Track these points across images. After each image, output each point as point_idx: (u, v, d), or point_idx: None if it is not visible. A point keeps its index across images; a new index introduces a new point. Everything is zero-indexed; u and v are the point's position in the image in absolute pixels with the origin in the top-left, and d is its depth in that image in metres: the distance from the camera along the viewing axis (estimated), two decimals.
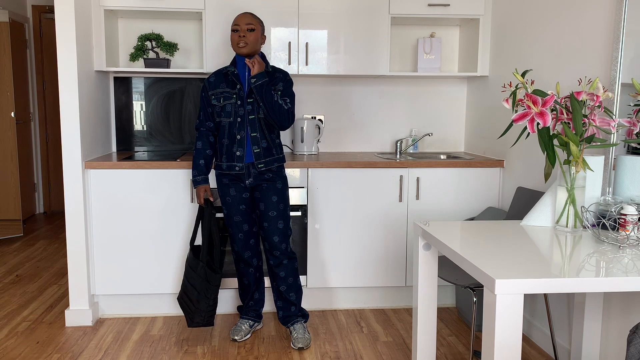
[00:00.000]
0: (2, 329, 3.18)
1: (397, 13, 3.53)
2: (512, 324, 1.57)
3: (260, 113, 2.87)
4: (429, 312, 2.28)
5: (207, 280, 2.84)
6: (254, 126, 2.87)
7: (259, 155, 2.87)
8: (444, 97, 3.99)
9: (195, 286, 2.85)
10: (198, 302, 2.86)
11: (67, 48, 3.06)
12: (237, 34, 2.82)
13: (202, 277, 2.84)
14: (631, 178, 2.21)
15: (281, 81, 2.92)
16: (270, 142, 2.90)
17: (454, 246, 1.89)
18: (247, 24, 2.81)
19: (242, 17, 2.82)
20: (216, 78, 2.92)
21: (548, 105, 2.03)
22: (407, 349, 2.97)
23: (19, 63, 5.67)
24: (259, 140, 2.88)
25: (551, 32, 2.89)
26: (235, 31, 2.82)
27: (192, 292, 2.87)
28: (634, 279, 1.59)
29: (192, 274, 2.88)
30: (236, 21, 2.83)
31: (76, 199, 3.14)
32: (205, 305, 2.86)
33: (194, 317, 2.89)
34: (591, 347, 2.46)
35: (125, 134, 3.79)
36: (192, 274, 2.87)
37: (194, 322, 2.90)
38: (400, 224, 3.43)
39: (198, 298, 2.85)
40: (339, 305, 3.52)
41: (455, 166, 3.41)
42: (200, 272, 2.84)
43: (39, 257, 4.58)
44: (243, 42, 2.81)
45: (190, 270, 2.90)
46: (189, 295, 2.89)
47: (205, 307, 2.87)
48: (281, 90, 2.90)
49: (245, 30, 2.80)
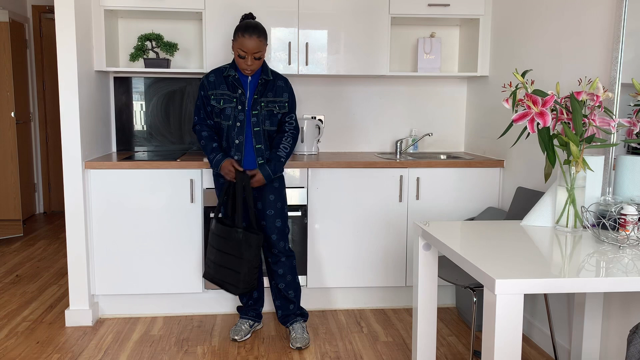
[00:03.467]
0: (2, 329, 3.18)
1: (397, 13, 3.53)
2: (512, 324, 1.57)
3: (265, 125, 2.87)
4: (429, 312, 2.28)
5: (248, 243, 2.78)
6: (259, 138, 2.87)
7: None
8: (444, 97, 3.99)
9: (234, 254, 2.79)
10: (240, 267, 2.79)
11: (67, 48, 3.06)
12: (244, 61, 2.74)
13: (242, 242, 2.77)
14: (631, 178, 2.21)
15: (285, 91, 2.91)
16: None
17: (454, 246, 1.89)
18: (254, 52, 2.72)
19: (249, 43, 2.70)
20: (216, 78, 2.87)
21: (548, 105, 2.03)
22: (407, 349, 2.97)
23: (19, 63, 5.67)
24: (264, 152, 2.89)
25: (551, 32, 2.89)
26: (242, 57, 2.74)
27: (231, 261, 2.79)
28: (634, 279, 1.59)
29: (227, 244, 2.80)
30: (243, 47, 2.71)
31: (76, 199, 3.14)
32: (247, 268, 2.80)
33: (238, 284, 2.81)
34: (591, 347, 2.46)
35: (125, 134, 3.79)
36: (227, 244, 2.80)
37: (239, 288, 2.82)
38: (400, 224, 3.43)
39: (240, 264, 2.79)
40: (338, 305, 3.52)
41: (455, 166, 3.41)
42: (240, 238, 2.77)
43: (39, 257, 4.58)
44: (250, 69, 2.77)
45: (222, 241, 2.81)
46: (227, 266, 2.81)
47: (248, 270, 2.80)
48: (287, 102, 2.91)
49: (252, 59, 2.74)
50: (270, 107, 2.86)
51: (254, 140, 2.86)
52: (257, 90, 2.85)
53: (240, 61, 2.76)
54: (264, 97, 2.86)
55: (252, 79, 2.86)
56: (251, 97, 2.85)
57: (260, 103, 2.85)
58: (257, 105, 2.85)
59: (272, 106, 2.87)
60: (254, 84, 2.86)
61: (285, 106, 2.90)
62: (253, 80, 2.86)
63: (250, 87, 2.86)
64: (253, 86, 2.86)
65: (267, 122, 2.87)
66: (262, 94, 2.86)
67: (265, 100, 2.85)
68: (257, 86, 2.84)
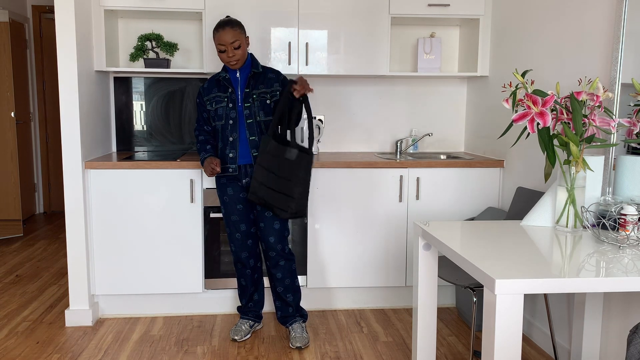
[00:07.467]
0: (2, 329, 3.18)
1: (397, 13, 3.53)
2: (512, 324, 1.57)
3: (259, 116, 2.87)
4: (429, 312, 2.28)
5: (299, 163, 2.77)
6: (252, 130, 2.88)
7: None
8: (444, 97, 3.99)
9: (284, 176, 2.77)
10: (293, 189, 2.78)
11: (67, 48, 3.06)
12: (225, 54, 2.80)
13: (294, 162, 2.76)
14: (631, 178, 2.21)
15: (275, 82, 2.92)
16: None
17: (454, 246, 1.89)
18: (231, 42, 2.76)
19: (224, 36, 2.76)
20: (209, 84, 2.94)
21: (548, 105, 2.03)
22: (407, 349, 2.97)
23: (19, 63, 5.67)
24: (258, 143, 2.89)
25: (551, 32, 2.89)
26: (223, 51, 2.79)
27: (282, 183, 2.77)
28: (634, 279, 1.59)
29: (278, 163, 2.77)
30: (220, 41, 2.77)
31: (76, 199, 3.14)
32: (302, 188, 2.79)
33: (288, 207, 2.79)
34: (591, 347, 2.46)
35: (125, 134, 3.79)
36: (279, 163, 2.77)
37: (288, 213, 2.80)
38: (400, 224, 3.43)
39: (293, 185, 2.77)
40: (338, 305, 3.52)
41: (455, 166, 3.41)
42: (293, 157, 2.76)
43: (39, 257, 4.58)
44: (234, 61, 2.80)
45: (275, 160, 2.77)
46: (278, 189, 2.77)
47: (303, 191, 2.80)
48: (279, 91, 2.91)
49: (232, 50, 2.78)
50: (262, 97, 2.88)
51: (247, 133, 2.87)
52: (248, 84, 2.87)
53: (222, 56, 2.81)
54: (256, 89, 2.88)
55: (242, 74, 2.88)
56: (242, 92, 2.87)
57: (253, 95, 2.87)
58: (249, 98, 2.87)
59: (264, 96, 2.88)
60: (244, 79, 2.89)
61: (277, 94, 2.91)
62: (243, 75, 2.89)
63: (240, 83, 2.89)
64: (243, 81, 2.89)
65: (261, 113, 2.88)
66: (253, 87, 2.88)
67: (257, 92, 2.88)
68: (247, 80, 2.87)
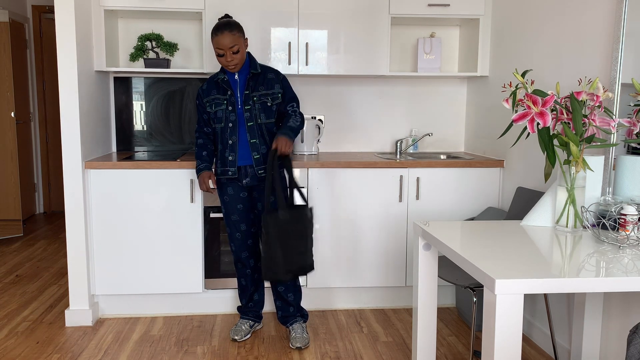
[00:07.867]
0: (2, 329, 3.18)
1: (397, 13, 3.53)
2: (512, 324, 1.57)
3: (260, 118, 2.86)
4: (429, 312, 2.28)
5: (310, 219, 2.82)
6: (253, 132, 2.86)
7: (258, 162, 2.87)
8: (444, 97, 3.99)
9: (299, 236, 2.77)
10: (307, 244, 2.80)
11: (67, 48, 3.06)
12: (224, 59, 2.77)
13: (308, 219, 2.80)
14: (631, 178, 2.21)
15: (276, 83, 2.90)
16: (269, 146, 2.90)
17: (454, 246, 1.89)
18: (230, 47, 2.73)
19: (222, 40, 2.72)
20: (208, 85, 2.92)
21: (548, 105, 2.03)
22: (407, 349, 2.97)
23: (19, 63, 5.67)
24: (259, 146, 2.88)
25: (551, 32, 2.89)
26: (221, 55, 2.77)
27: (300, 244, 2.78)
28: (634, 279, 1.59)
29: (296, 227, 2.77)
30: (219, 45, 2.74)
31: (76, 199, 3.14)
32: (311, 241, 2.84)
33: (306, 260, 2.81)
34: (591, 347, 2.46)
35: (125, 134, 3.79)
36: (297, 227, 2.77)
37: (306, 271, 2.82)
38: (400, 224, 3.43)
39: (307, 242, 2.80)
40: (339, 305, 3.52)
41: (455, 166, 3.41)
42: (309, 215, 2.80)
43: (39, 257, 4.58)
44: (232, 65, 2.78)
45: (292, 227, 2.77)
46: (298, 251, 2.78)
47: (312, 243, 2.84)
48: (281, 93, 2.90)
49: (231, 54, 2.76)
50: (263, 99, 2.86)
51: (248, 135, 2.86)
52: (248, 85, 2.85)
53: (221, 60, 2.79)
54: (256, 91, 2.86)
55: (241, 76, 2.87)
56: (242, 95, 2.86)
57: (253, 98, 2.85)
58: (249, 100, 2.85)
59: (264, 99, 2.87)
60: (242, 80, 2.87)
61: (278, 97, 2.89)
62: (242, 77, 2.87)
63: (239, 85, 2.86)
64: (242, 83, 2.86)
65: (262, 116, 2.86)
66: (253, 88, 2.86)
67: (258, 94, 2.86)
68: (246, 82, 2.85)
